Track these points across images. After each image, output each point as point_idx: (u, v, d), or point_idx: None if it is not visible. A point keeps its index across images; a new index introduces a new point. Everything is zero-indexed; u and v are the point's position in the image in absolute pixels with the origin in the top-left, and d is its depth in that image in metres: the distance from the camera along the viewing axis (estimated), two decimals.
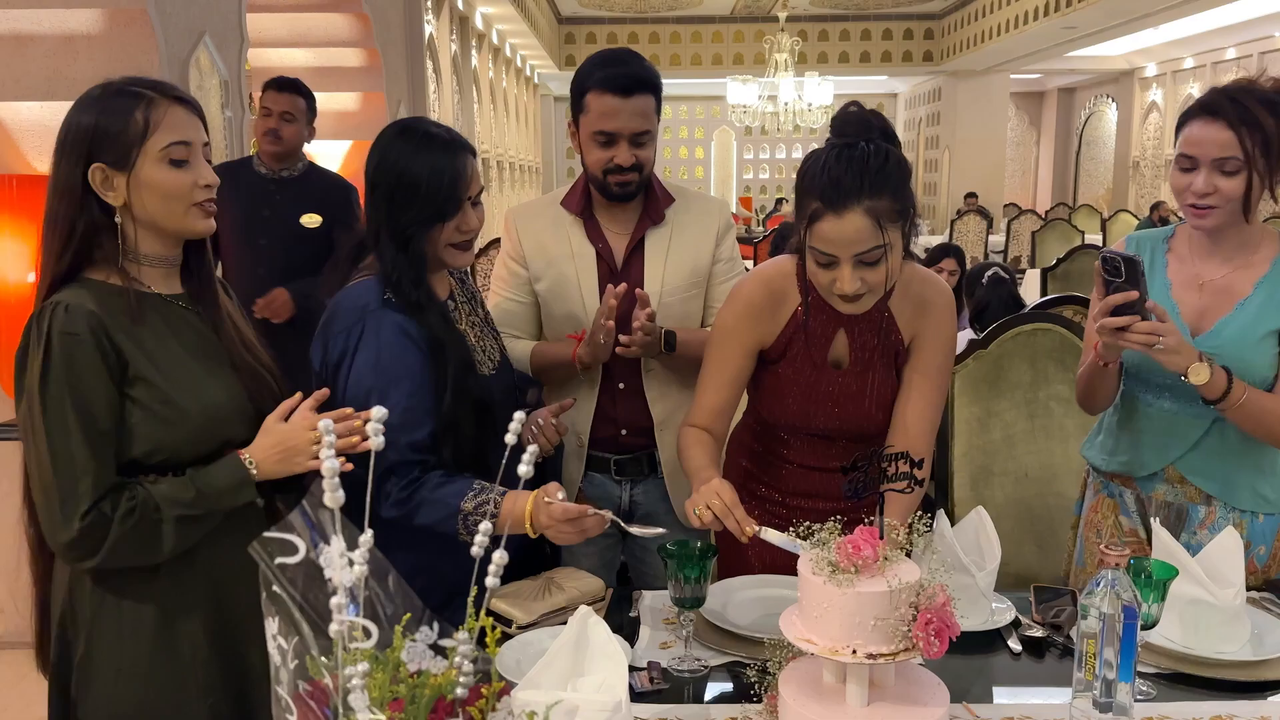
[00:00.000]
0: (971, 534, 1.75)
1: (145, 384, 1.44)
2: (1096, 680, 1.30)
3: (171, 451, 1.46)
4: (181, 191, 1.47)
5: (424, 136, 1.69)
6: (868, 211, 1.55)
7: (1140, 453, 1.90)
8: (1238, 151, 1.69)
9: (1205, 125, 1.71)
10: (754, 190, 17.70)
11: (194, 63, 3.42)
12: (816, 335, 1.78)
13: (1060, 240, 9.41)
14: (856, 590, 1.19)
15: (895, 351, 1.80)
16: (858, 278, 1.60)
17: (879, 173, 1.57)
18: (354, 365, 1.63)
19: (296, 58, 5.54)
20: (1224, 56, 12.33)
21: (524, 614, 1.62)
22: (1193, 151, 1.72)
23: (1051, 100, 17.62)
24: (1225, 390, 1.68)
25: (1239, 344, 1.75)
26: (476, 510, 1.62)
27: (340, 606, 0.65)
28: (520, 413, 0.83)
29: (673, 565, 1.50)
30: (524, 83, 13.29)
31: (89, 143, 1.42)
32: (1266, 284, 1.77)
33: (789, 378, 1.81)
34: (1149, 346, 1.66)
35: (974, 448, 2.50)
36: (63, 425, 1.38)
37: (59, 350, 1.38)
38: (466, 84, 8.71)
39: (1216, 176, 1.71)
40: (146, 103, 1.44)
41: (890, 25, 14.15)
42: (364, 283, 1.69)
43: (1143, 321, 1.66)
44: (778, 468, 1.89)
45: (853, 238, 1.57)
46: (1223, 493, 1.84)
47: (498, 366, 1.81)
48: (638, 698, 1.43)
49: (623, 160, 1.97)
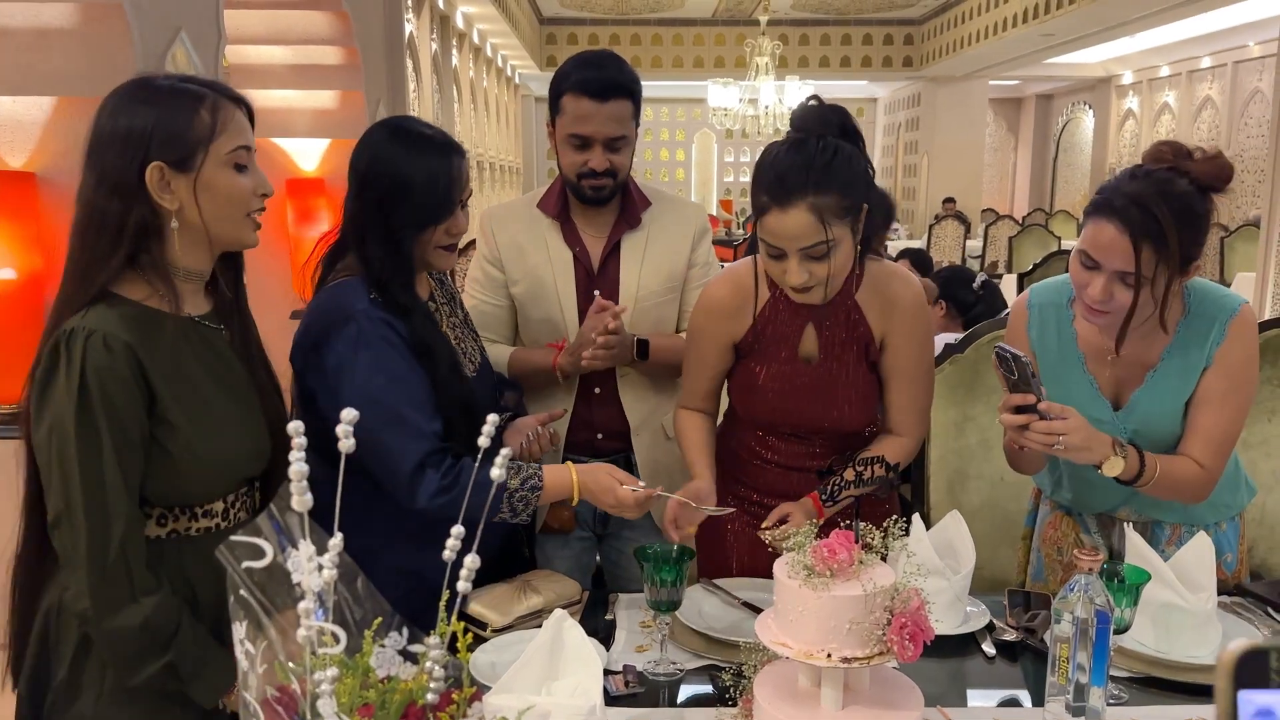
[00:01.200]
0: (947, 538, 1.75)
1: (169, 427, 1.36)
2: (1069, 684, 1.31)
3: (183, 495, 1.41)
4: (244, 198, 1.40)
5: (418, 138, 1.66)
6: (811, 207, 1.58)
7: (1083, 497, 1.88)
8: (1135, 268, 1.56)
9: (1109, 231, 1.57)
10: (734, 193, 17.71)
11: (170, 59, 3.38)
12: (785, 329, 1.80)
13: (1037, 246, 9.49)
14: (832, 594, 1.19)
15: (865, 344, 1.80)
16: (805, 270, 1.63)
17: (825, 169, 1.59)
18: (358, 369, 1.59)
19: (274, 55, 5.49)
20: (1199, 65, 12.46)
21: (500, 617, 1.61)
22: (1095, 256, 1.60)
23: (1029, 106, 17.76)
24: (1139, 471, 1.63)
25: (1155, 418, 1.72)
26: (524, 485, 1.61)
27: (308, 611, 0.65)
28: (494, 415, 0.82)
29: (649, 568, 1.50)
30: (505, 83, 13.26)
31: (148, 140, 1.33)
32: (1173, 352, 1.71)
33: (761, 371, 1.83)
34: (1049, 447, 1.59)
35: (949, 451, 2.51)
36: (98, 466, 1.30)
37: (97, 386, 1.30)
38: (447, 83, 8.67)
39: (1116, 284, 1.59)
40: (211, 102, 1.37)
41: (870, 30, 14.21)
42: (347, 283, 1.65)
43: (1040, 421, 1.58)
44: (756, 468, 1.89)
45: (795, 232, 1.60)
46: (1181, 519, 1.83)
47: (479, 369, 1.80)
48: (613, 701, 1.42)
49: (596, 165, 1.95)
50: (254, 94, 6.04)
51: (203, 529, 1.43)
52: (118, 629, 1.32)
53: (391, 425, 1.57)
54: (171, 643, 1.35)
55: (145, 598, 1.34)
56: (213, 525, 1.45)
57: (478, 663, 1.47)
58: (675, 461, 2.15)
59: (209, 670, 1.38)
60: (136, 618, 1.32)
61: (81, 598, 1.32)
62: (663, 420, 2.13)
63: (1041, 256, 6.86)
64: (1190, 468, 1.68)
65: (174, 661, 1.35)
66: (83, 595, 1.32)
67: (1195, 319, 1.70)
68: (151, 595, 1.34)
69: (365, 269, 1.65)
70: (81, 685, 1.40)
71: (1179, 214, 1.55)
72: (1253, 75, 11.48)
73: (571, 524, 2.11)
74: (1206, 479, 1.70)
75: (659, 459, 2.13)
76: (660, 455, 2.13)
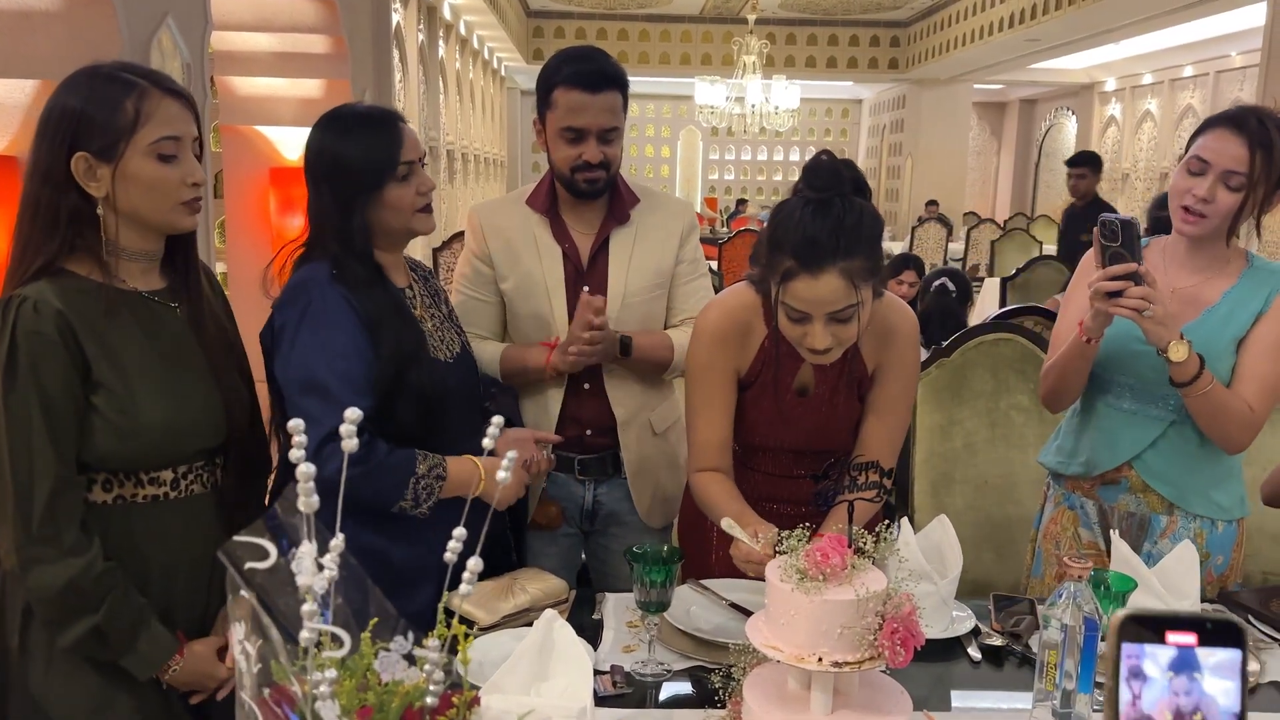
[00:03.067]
0: (934, 542, 1.76)
1: (106, 392, 1.40)
2: (1056, 690, 1.32)
3: (126, 460, 1.43)
4: (168, 188, 1.42)
5: (350, 116, 1.70)
6: (842, 272, 1.55)
7: (1098, 452, 1.93)
8: (1247, 168, 1.72)
9: (1226, 136, 1.74)
10: (719, 191, 17.73)
11: (156, 44, 3.34)
12: (783, 365, 1.78)
13: (1019, 250, 9.53)
14: (824, 598, 1.19)
15: (860, 379, 1.82)
16: (829, 334, 1.60)
17: (854, 232, 1.55)
18: (299, 336, 1.61)
19: (260, 42, 5.44)
20: (1181, 74, 12.57)
21: (487, 615, 1.60)
22: (1208, 156, 1.75)
23: (1013, 111, 17.85)
24: (1196, 374, 1.71)
25: (1203, 350, 1.77)
26: (430, 474, 1.62)
27: (311, 614, 0.64)
28: (499, 417, 0.81)
29: (638, 569, 1.50)
30: (491, 75, 13.20)
31: (73, 129, 1.37)
32: (1233, 295, 1.82)
33: (757, 404, 1.83)
34: (1139, 312, 1.68)
35: (935, 455, 2.53)
36: (26, 426, 1.34)
37: (25, 349, 1.34)
38: (433, 74, 8.63)
39: (1220, 188, 1.74)
40: (138, 93, 1.39)
41: (857, 31, 14.25)
42: (311, 265, 1.69)
43: (1137, 287, 1.69)
44: (746, 474, 1.89)
45: (828, 298, 1.56)
46: (1178, 497, 1.87)
47: (455, 357, 1.79)
48: (600, 702, 1.42)
49: (591, 157, 1.95)
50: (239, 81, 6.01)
51: (149, 496, 1.46)
52: (42, 587, 1.37)
53: (314, 393, 1.58)
54: (100, 606, 1.38)
55: (72, 558, 1.37)
56: (160, 494, 1.47)
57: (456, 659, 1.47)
58: (662, 456, 2.15)
59: (142, 642, 1.42)
60: (60, 577, 1.36)
61: (10, 554, 1.37)
62: (650, 416, 2.13)
63: (1024, 261, 6.90)
64: (1240, 404, 1.76)
65: (102, 627, 1.39)
66: (10, 552, 1.37)
67: (1257, 271, 1.83)
68: (79, 556, 1.38)
69: (329, 256, 1.67)
70: (31, 652, 1.43)
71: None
72: (1234, 85, 11.59)
73: (559, 521, 2.11)
74: (1252, 421, 1.77)
75: (647, 454, 2.13)
76: (648, 451, 2.13)
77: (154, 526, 1.46)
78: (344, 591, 0.68)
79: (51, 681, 1.43)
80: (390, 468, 1.61)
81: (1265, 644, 1.67)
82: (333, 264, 1.66)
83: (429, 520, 1.65)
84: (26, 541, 1.35)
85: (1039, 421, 2.49)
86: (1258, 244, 6.57)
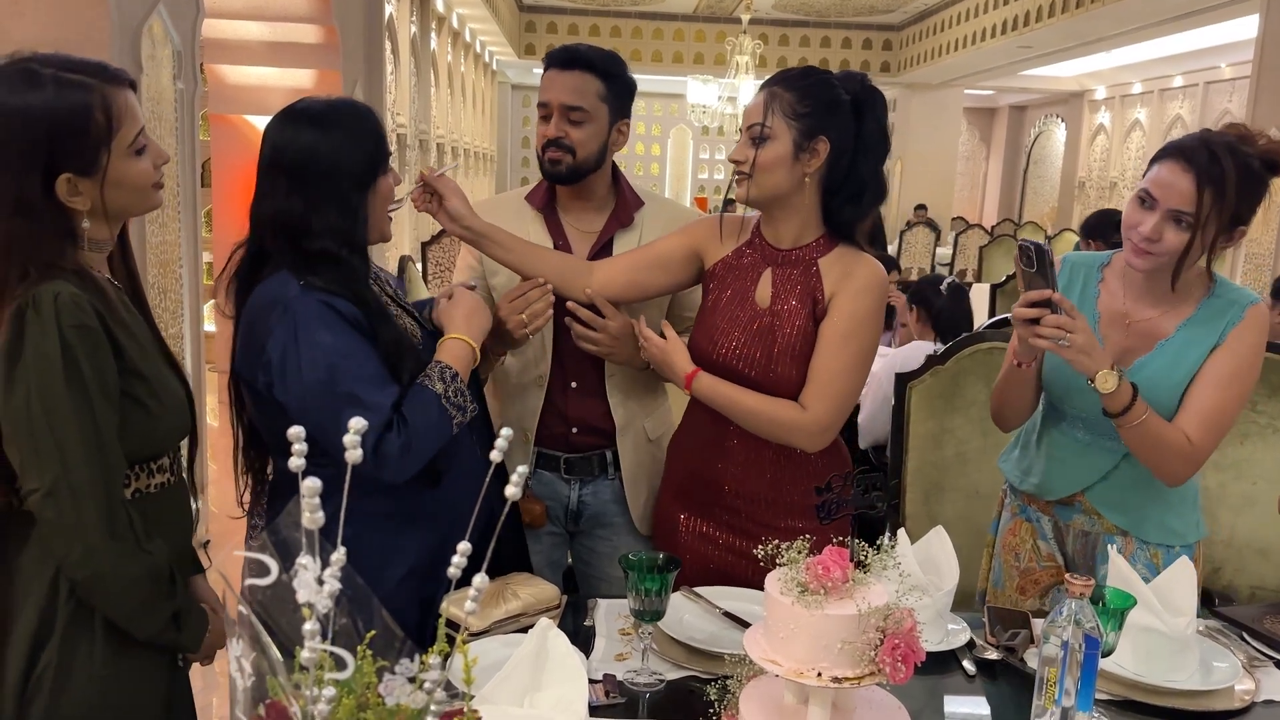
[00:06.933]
0: (930, 553, 1.75)
1: (138, 378, 1.37)
2: (1055, 707, 1.31)
3: (152, 446, 1.42)
4: (149, 177, 1.40)
5: (325, 112, 1.61)
6: (768, 94, 1.78)
7: (1051, 478, 1.90)
8: (1194, 208, 1.63)
9: (1175, 171, 1.65)
10: (709, 190, 17.73)
11: (146, 31, 3.30)
12: (747, 267, 1.86)
13: (1006, 256, 9.57)
14: (825, 612, 1.18)
15: (814, 297, 1.80)
16: (743, 150, 1.80)
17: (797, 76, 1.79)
18: (301, 356, 1.54)
19: (251, 31, 5.40)
20: (1171, 84, 12.64)
21: (477, 620, 1.58)
22: (1155, 193, 1.67)
23: (1002, 117, 17.93)
24: (1128, 405, 1.65)
25: (1155, 386, 1.73)
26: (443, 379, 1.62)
27: (313, 633, 0.61)
28: (507, 430, 0.79)
29: (633, 577, 1.48)
30: (482, 69, 13.15)
31: (46, 151, 1.28)
32: (1189, 326, 1.75)
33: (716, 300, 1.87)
34: (1056, 342, 1.63)
35: (926, 463, 2.51)
36: (92, 420, 1.29)
37: (81, 346, 1.28)
38: (424, 67, 8.57)
39: (1167, 225, 1.66)
40: (100, 96, 1.32)
41: (850, 34, 14.27)
42: (272, 279, 1.59)
43: (1052, 315, 1.63)
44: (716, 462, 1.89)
45: (750, 110, 1.81)
46: (1132, 526, 1.84)
47: (422, 342, 1.75)
48: (593, 712, 1.40)
49: (551, 132, 1.95)
50: (229, 70, 5.97)
51: (158, 484, 1.45)
52: (134, 579, 1.34)
53: (347, 408, 1.50)
54: (175, 591, 1.39)
55: (150, 545, 1.36)
56: (164, 480, 1.47)
57: (454, 668, 1.44)
58: (655, 463, 2.13)
59: (193, 617, 1.43)
60: (145, 566, 1.35)
61: (90, 560, 1.30)
62: (645, 422, 2.12)
63: (1012, 267, 6.91)
64: (1178, 436, 1.70)
65: (180, 611, 1.40)
66: (93, 556, 1.30)
67: (1217, 300, 1.76)
68: (153, 542, 1.37)
69: (296, 261, 1.58)
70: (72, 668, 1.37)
71: (1242, 170, 1.63)
72: (1223, 96, 11.67)
73: (542, 520, 2.09)
74: (1191, 455, 1.71)
75: (641, 460, 2.11)
76: (643, 457, 2.12)
77: (159, 514, 1.45)
78: (347, 609, 0.66)
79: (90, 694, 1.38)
80: (422, 422, 1.58)
81: (1260, 662, 1.67)
82: (294, 274, 1.57)
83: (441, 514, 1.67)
84: (110, 539, 1.30)
85: None
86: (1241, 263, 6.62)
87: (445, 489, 1.67)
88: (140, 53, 3.24)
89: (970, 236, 11.26)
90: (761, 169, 1.77)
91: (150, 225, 3.50)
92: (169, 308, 3.73)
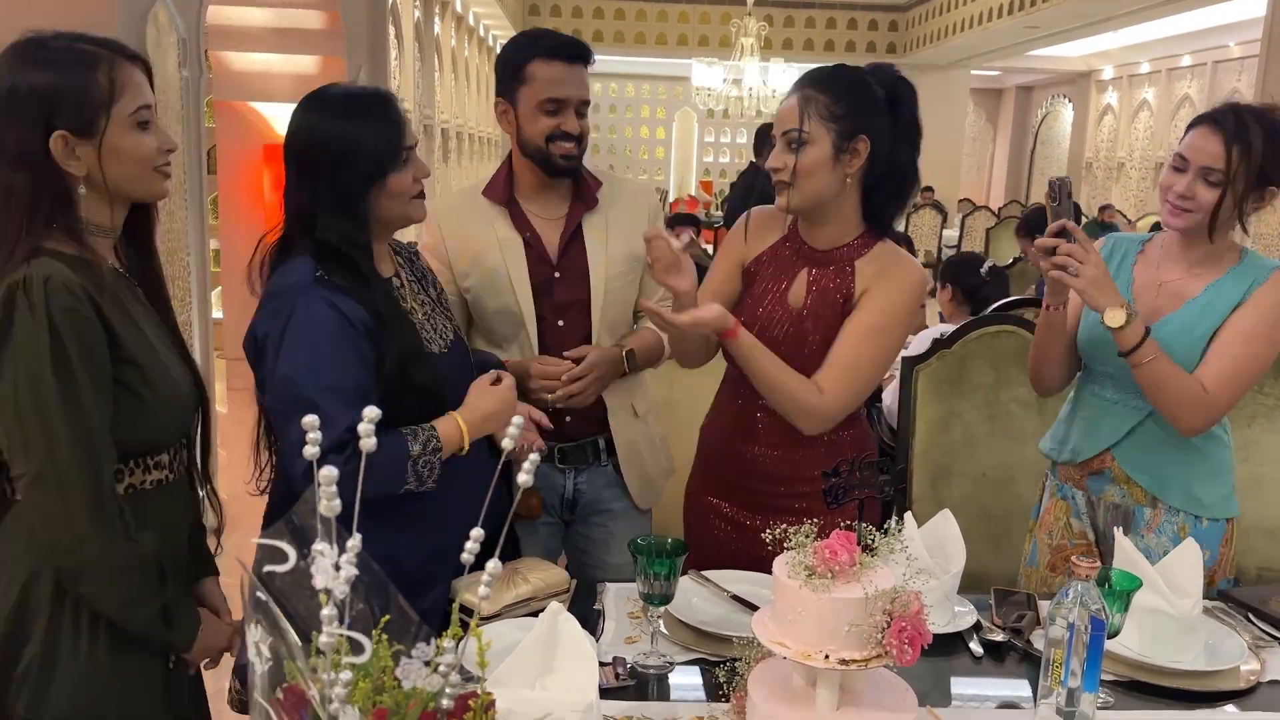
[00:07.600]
0: (937, 536, 1.76)
1: (133, 366, 1.37)
2: (1061, 688, 1.32)
3: (147, 438, 1.41)
4: (150, 156, 1.40)
5: (345, 99, 1.61)
6: (801, 98, 1.74)
7: (1082, 439, 1.96)
8: (1223, 165, 1.74)
9: (1204, 134, 1.77)
10: (714, 174, 17.66)
11: (151, 18, 3.30)
12: (784, 264, 1.86)
13: (1013, 238, 9.51)
14: (832, 595, 1.19)
15: (846, 298, 1.80)
16: (780, 157, 1.75)
17: (830, 76, 1.75)
18: (282, 347, 1.53)
19: (255, 17, 5.39)
20: (1179, 64, 12.55)
21: (488, 605, 1.59)
22: (1188, 154, 1.79)
23: (1009, 98, 17.82)
24: (1138, 344, 1.72)
25: (1178, 340, 1.79)
26: (426, 449, 1.57)
27: (331, 619, 0.63)
28: (518, 417, 0.80)
29: (642, 561, 1.49)
30: (486, 53, 13.09)
31: (46, 108, 1.30)
32: (1215, 287, 1.83)
33: (750, 301, 1.87)
34: (1066, 270, 1.71)
35: (933, 447, 2.52)
36: (84, 411, 1.29)
37: (68, 328, 1.28)
38: (428, 52, 8.54)
39: (1199, 184, 1.77)
40: (107, 63, 1.35)
41: (856, 15, 14.17)
42: (295, 263, 1.60)
43: (1065, 244, 1.72)
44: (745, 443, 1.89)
45: (784, 116, 1.76)
46: (1156, 487, 1.88)
47: (449, 346, 1.74)
48: (603, 694, 1.41)
49: (570, 127, 1.95)
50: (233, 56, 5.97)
51: (154, 481, 1.44)
52: (120, 569, 1.34)
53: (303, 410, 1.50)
54: (164, 586, 1.38)
55: (139, 537, 1.35)
56: (162, 478, 1.46)
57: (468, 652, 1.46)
58: (644, 439, 2.16)
59: (184, 615, 1.42)
60: (134, 557, 1.34)
61: (78, 548, 1.30)
62: (632, 400, 2.13)
63: (1020, 249, 6.88)
64: (1193, 384, 1.76)
65: (170, 605, 1.39)
66: (80, 543, 1.30)
67: (1245, 266, 1.84)
68: (142, 534, 1.36)
69: (318, 249, 1.58)
70: (57, 661, 1.37)
71: (1269, 131, 1.75)
72: (1231, 75, 11.59)
73: (538, 510, 2.08)
74: (1207, 405, 1.76)
75: (633, 438, 2.13)
76: (634, 434, 2.13)
77: (156, 513, 1.44)
78: (363, 594, 0.67)
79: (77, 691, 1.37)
80: (380, 465, 1.51)
81: (1266, 642, 1.68)
82: (316, 262, 1.57)
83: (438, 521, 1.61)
84: (100, 526, 1.30)
85: (1038, 414, 2.49)
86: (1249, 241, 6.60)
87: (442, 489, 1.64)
88: (145, 41, 3.24)
89: (977, 218, 11.23)
90: (803, 175, 1.74)
91: None
92: (177, 295, 3.75)
